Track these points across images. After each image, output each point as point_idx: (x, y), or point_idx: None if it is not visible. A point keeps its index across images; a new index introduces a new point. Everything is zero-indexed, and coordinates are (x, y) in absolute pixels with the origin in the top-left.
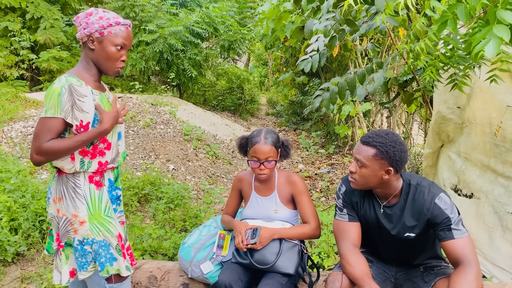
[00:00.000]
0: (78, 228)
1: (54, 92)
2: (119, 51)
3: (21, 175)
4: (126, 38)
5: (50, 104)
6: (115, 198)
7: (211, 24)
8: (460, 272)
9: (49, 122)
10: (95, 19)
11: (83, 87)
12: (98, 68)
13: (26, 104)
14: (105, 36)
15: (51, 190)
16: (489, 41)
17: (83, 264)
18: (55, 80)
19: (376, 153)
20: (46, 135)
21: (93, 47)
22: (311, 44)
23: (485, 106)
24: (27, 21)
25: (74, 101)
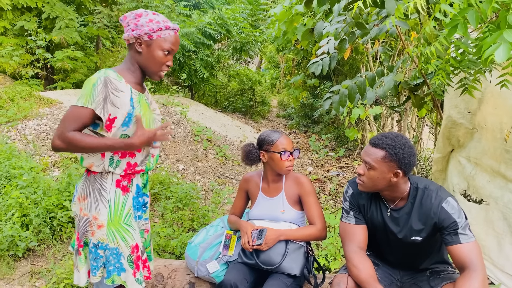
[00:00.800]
0: (95, 230)
1: (89, 82)
2: (166, 56)
3: (33, 172)
4: (174, 43)
5: (83, 93)
6: (141, 205)
7: (224, 25)
8: (465, 277)
9: (78, 110)
10: (145, 22)
11: (122, 83)
12: (142, 71)
13: (40, 102)
14: (154, 40)
15: (78, 188)
16: (500, 46)
17: (93, 268)
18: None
19: (385, 155)
20: (71, 123)
21: (141, 50)
22: (322, 47)
23: (496, 111)
24: (43, 21)
25: (108, 94)
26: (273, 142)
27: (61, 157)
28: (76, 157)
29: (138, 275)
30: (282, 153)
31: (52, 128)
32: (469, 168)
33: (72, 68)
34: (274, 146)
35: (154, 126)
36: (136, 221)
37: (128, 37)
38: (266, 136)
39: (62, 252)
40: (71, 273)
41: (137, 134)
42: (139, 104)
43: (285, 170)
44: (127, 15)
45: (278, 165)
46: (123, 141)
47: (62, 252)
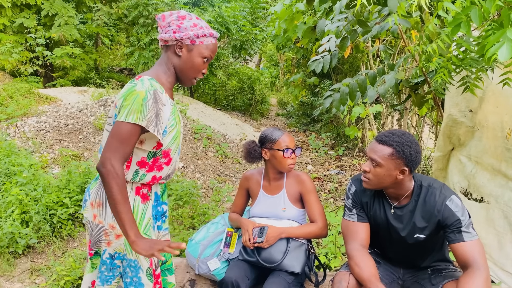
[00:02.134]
0: (112, 240)
1: (139, 96)
2: (204, 63)
3: (33, 169)
4: (214, 51)
5: (132, 109)
6: (161, 214)
7: (223, 24)
8: (469, 275)
9: (129, 128)
10: (189, 25)
11: (164, 95)
12: (177, 75)
13: (40, 99)
14: (196, 46)
15: (91, 192)
16: (503, 44)
17: (108, 278)
18: (136, 81)
19: (393, 152)
20: (125, 145)
21: (180, 54)
22: (323, 45)
23: (497, 109)
24: (42, 18)
25: (158, 110)
26: (275, 140)
27: (61, 154)
28: (77, 154)
29: None
30: (285, 151)
31: (51, 125)
32: (470, 166)
33: (71, 65)
34: (277, 143)
35: (180, 139)
36: (154, 232)
37: (168, 38)
38: (269, 134)
39: (62, 249)
40: (71, 270)
41: (149, 245)
42: (173, 115)
43: (287, 168)
44: (166, 14)
45: (281, 162)
46: (132, 233)
47: (62, 249)
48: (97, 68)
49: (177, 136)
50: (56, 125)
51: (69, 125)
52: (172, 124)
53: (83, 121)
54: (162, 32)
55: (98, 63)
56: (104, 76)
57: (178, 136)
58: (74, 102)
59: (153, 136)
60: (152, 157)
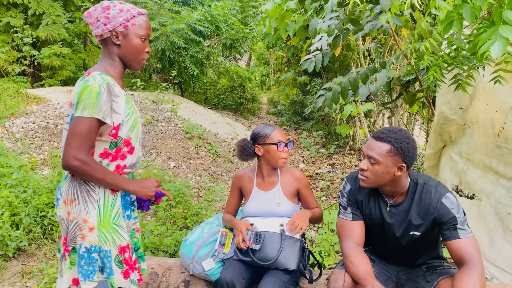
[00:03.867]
0: (86, 234)
1: (93, 91)
2: (143, 42)
3: (22, 170)
4: (148, 27)
5: (88, 103)
6: (129, 203)
7: (213, 22)
8: (464, 272)
9: (86, 122)
10: (116, 13)
11: (116, 86)
12: (124, 63)
13: (28, 100)
14: (130, 29)
15: (62, 191)
16: (495, 42)
17: (89, 273)
18: (87, 78)
19: (391, 149)
20: (86, 139)
21: (119, 42)
22: (314, 44)
23: (488, 107)
24: (29, 17)
25: (112, 102)
26: (268, 135)
27: (51, 155)
28: None
29: (132, 276)
30: (278, 145)
31: (40, 125)
32: (461, 163)
33: (59, 65)
34: (269, 138)
35: (139, 128)
36: (125, 221)
37: (101, 32)
38: (260, 130)
39: (53, 251)
40: None
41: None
42: (128, 105)
43: (280, 162)
44: (91, 10)
45: (274, 157)
46: (135, 188)
47: (53, 251)
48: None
49: (135, 125)
50: (45, 126)
51: (58, 125)
52: (128, 113)
53: None
54: (94, 28)
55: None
56: None
57: (136, 124)
58: (63, 102)
59: (109, 127)
60: (114, 148)
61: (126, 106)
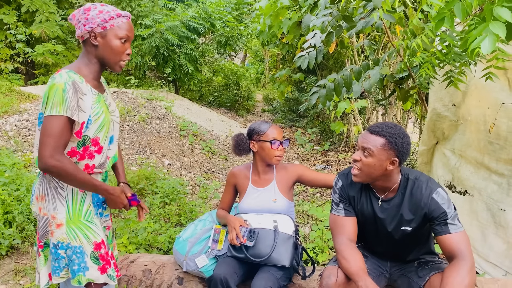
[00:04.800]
0: (54, 230)
1: (58, 89)
2: (123, 44)
3: (15, 168)
4: (129, 30)
5: (55, 102)
6: (102, 202)
7: (208, 19)
8: (454, 266)
9: (56, 121)
10: (95, 14)
11: (84, 84)
12: (101, 64)
13: (21, 97)
14: (108, 30)
15: (35, 187)
16: (485, 38)
17: (55, 269)
18: (55, 76)
19: (385, 143)
20: (59, 138)
21: (96, 43)
22: (308, 41)
23: (480, 103)
24: (23, 14)
25: (78, 99)
26: (263, 132)
27: None
28: None
29: (109, 271)
30: (273, 142)
31: (33, 123)
32: (454, 160)
33: (53, 62)
34: (265, 135)
35: (112, 129)
36: (98, 218)
37: (81, 33)
38: (257, 126)
39: None
40: None
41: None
42: (98, 104)
43: (274, 160)
44: (75, 12)
45: (268, 154)
46: (107, 190)
47: None
48: None
49: (104, 124)
50: None
51: None
52: (96, 112)
53: None
54: (76, 30)
55: None
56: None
57: (106, 124)
58: None
59: (76, 125)
60: (81, 146)
61: (96, 106)
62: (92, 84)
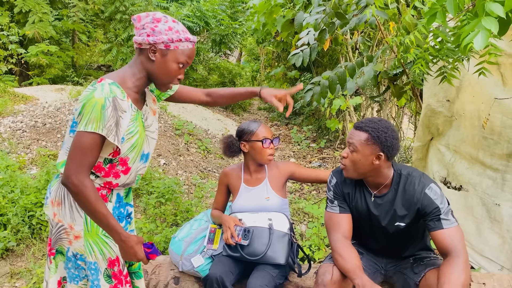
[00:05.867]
0: (72, 240)
1: (97, 104)
2: (180, 69)
3: (9, 170)
4: (191, 56)
5: (91, 117)
6: (125, 216)
7: (202, 18)
8: (448, 263)
9: (89, 138)
10: (163, 29)
11: (125, 101)
12: (149, 79)
13: (15, 99)
14: (171, 51)
15: (51, 190)
16: (478, 34)
17: (75, 277)
18: (96, 86)
19: (368, 137)
20: (88, 156)
21: (154, 59)
22: (301, 38)
23: (473, 99)
24: (15, 15)
25: (118, 117)
26: (253, 132)
27: (39, 154)
28: (55, 154)
29: None
30: (264, 141)
31: (28, 125)
32: (449, 155)
33: (47, 63)
34: (255, 135)
35: (146, 146)
36: None
37: (141, 41)
38: (246, 127)
39: (42, 251)
40: None
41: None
42: (135, 123)
43: (266, 159)
44: (142, 16)
45: (260, 153)
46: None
47: (42, 251)
48: (75, 66)
49: (137, 145)
50: (33, 125)
51: (46, 124)
52: (131, 131)
53: (61, 120)
54: (137, 34)
55: (75, 61)
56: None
57: (139, 145)
58: (51, 100)
59: (111, 143)
60: (108, 163)
61: (132, 124)
62: (133, 98)
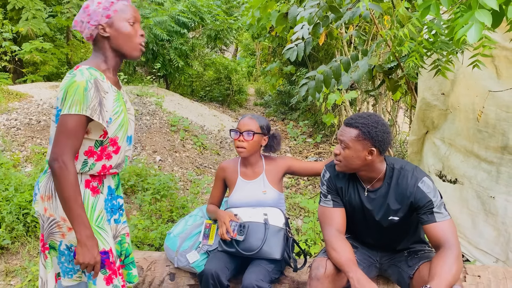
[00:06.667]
0: (65, 232)
1: (79, 87)
2: (132, 26)
3: (3, 168)
4: (134, 10)
5: (75, 100)
6: (117, 208)
7: (197, 13)
8: (441, 255)
9: (74, 120)
10: (95, 7)
11: (105, 82)
12: (120, 56)
13: (9, 96)
14: (113, 17)
15: (40, 186)
16: (471, 26)
17: (68, 270)
18: (75, 72)
19: (359, 134)
20: (72, 139)
21: (107, 34)
22: (296, 33)
23: (468, 92)
24: (9, 12)
25: (101, 98)
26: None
27: (33, 152)
28: None
29: (115, 281)
30: (232, 132)
31: (22, 122)
32: (444, 149)
33: (42, 60)
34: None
35: (130, 128)
36: (114, 225)
37: (89, 32)
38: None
39: (37, 249)
40: None
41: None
42: (118, 102)
43: (237, 151)
44: (76, 17)
45: (234, 143)
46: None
47: (37, 249)
48: (69, 63)
49: (124, 124)
50: (27, 122)
51: (41, 121)
52: (116, 111)
53: None
54: (83, 33)
55: (70, 57)
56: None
57: (125, 123)
58: (46, 98)
59: (99, 125)
60: (99, 146)
61: (116, 104)
62: (112, 81)
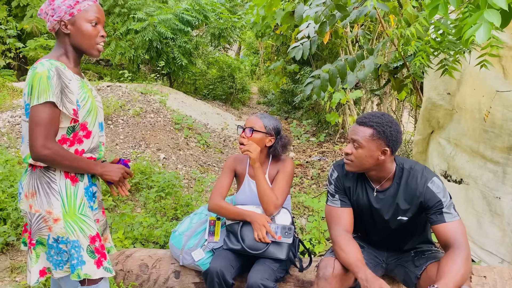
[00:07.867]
0: (52, 225)
1: (42, 76)
2: (94, 26)
3: (9, 164)
4: (98, 11)
5: (41, 90)
6: (92, 195)
7: (201, 11)
8: (450, 255)
9: (45, 109)
10: (59, 2)
11: (67, 71)
12: (78, 52)
13: (14, 93)
14: (76, 16)
15: (23, 185)
16: (480, 26)
17: (59, 262)
18: (35, 65)
19: (373, 133)
20: (50, 127)
21: (68, 31)
22: (302, 31)
23: (474, 92)
24: (13, 9)
25: (64, 85)
26: None
27: None
28: None
29: (105, 263)
30: (238, 128)
31: None
32: (449, 149)
33: None
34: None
35: (99, 115)
36: (91, 211)
37: (51, 25)
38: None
39: None
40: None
41: (114, 168)
42: (83, 89)
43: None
44: (42, 6)
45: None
46: (102, 171)
47: None
48: None
49: (92, 109)
50: None
51: None
52: (83, 98)
53: None
54: (47, 23)
55: None
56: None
57: (94, 109)
58: None
59: (68, 111)
60: (71, 132)
61: (82, 91)
62: (74, 71)
